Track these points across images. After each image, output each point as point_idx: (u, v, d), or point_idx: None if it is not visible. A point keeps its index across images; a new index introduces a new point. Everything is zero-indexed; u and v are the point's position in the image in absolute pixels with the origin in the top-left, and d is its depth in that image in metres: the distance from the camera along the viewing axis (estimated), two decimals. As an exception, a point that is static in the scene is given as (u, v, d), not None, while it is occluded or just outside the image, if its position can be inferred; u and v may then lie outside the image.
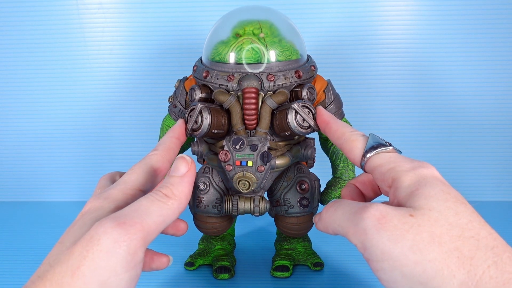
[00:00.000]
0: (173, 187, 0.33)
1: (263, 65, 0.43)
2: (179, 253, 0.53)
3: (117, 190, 0.34)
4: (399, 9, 0.62)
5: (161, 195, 0.32)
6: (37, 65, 0.65)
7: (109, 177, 0.39)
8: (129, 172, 0.36)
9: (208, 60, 0.46)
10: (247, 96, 0.42)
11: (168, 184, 0.33)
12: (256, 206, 0.45)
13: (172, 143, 0.40)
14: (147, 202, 0.31)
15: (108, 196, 0.33)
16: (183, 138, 0.42)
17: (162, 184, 0.33)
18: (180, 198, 0.33)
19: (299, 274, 0.49)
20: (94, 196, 0.34)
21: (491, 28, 0.62)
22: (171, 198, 0.32)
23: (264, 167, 0.43)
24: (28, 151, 0.68)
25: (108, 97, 0.66)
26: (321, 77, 0.49)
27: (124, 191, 0.34)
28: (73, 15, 0.63)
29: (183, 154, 0.35)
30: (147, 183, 0.35)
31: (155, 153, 0.38)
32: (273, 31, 0.44)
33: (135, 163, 0.36)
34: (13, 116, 0.67)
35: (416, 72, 0.64)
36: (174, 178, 0.33)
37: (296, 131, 0.42)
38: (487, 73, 0.63)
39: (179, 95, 0.49)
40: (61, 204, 0.69)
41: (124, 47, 0.64)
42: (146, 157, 0.37)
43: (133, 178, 0.35)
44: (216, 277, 0.48)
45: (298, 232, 0.48)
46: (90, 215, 0.32)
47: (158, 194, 0.32)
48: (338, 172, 0.51)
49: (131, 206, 0.31)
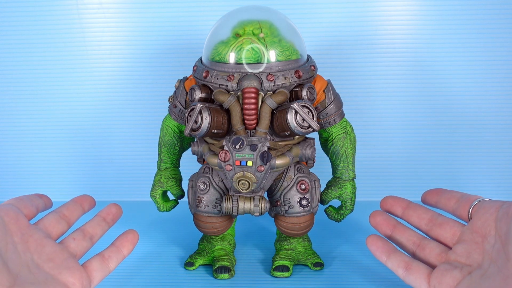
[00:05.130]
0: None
1: (263, 65, 0.43)
2: (179, 253, 0.53)
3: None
4: (399, 9, 0.62)
5: None
6: (37, 65, 0.65)
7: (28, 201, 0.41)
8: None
9: (208, 60, 0.46)
10: (247, 96, 0.42)
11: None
12: (256, 206, 0.45)
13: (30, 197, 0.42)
14: None
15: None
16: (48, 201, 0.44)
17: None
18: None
19: (299, 274, 0.49)
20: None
21: (491, 28, 0.62)
22: None
23: (264, 167, 0.43)
24: (28, 151, 0.68)
25: (108, 97, 0.66)
26: (321, 77, 0.49)
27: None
28: (73, 15, 0.63)
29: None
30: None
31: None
32: (273, 31, 0.44)
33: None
34: (13, 116, 0.67)
35: (416, 72, 0.64)
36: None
37: (296, 131, 0.42)
38: (487, 73, 0.63)
39: (179, 95, 0.49)
40: (61, 204, 0.69)
41: (124, 47, 0.64)
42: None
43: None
44: (216, 277, 0.48)
45: (298, 232, 0.48)
46: None
47: None
48: (338, 172, 0.51)
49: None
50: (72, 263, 0.37)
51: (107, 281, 0.45)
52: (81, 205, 0.44)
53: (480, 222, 0.38)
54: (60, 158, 0.68)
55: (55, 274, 0.36)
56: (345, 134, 0.49)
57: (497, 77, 0.63)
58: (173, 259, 0.52)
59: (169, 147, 0.52)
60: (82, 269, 0.38)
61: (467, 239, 0.38)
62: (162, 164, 0.52)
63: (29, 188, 0.70)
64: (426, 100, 0.65)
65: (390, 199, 0.44)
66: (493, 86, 0.64)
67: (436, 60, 0.63)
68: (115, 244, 0.42)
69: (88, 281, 0.38)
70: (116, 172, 0.68)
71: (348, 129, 0.50)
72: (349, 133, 0.50)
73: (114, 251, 0.41)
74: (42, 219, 0.40)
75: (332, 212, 0.52)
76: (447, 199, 0.42)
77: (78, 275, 0.37)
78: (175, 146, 0.52)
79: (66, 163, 0.69)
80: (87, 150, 0.68)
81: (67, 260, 0.37)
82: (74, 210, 0.43)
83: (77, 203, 0.44)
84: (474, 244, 0.37)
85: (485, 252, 0.36)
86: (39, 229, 0.38)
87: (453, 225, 0.40)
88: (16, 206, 0.38)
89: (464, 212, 0.40)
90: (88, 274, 0.38)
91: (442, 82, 0.64)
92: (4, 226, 0.35)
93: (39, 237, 0.38)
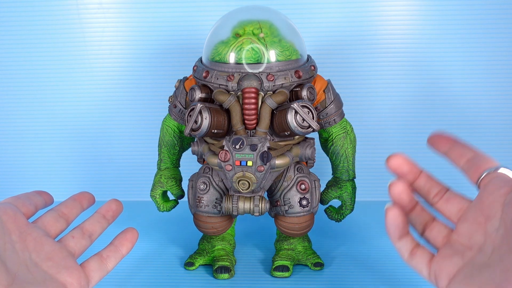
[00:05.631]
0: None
1: (263, 65, 0.43)
2: (179, 253, 0.53)
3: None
4: (399, 9, 0.62)
5: None
6: (37, 65, 0.65)
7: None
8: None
9: (208, 60, 0.46)
10: (247, 96, 0.42)
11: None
12: (256, 206, 0.45)
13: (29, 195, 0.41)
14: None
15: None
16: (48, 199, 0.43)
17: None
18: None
19: (299, 274, 0.49)
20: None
21: (491, 28, 0.62)
22: None
23: (263, 167, 0.43)
24: (28, 151, 0.68)
25: (108, 97, 0.66)
26: (321, 77, 0.49)
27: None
28: (73, 15, 0.63)
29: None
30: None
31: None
32: (273, 31, 0.44)
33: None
34: (13, 116, 0.67)
35: (416, 72, 0.64)
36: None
37: (296, 131, 0.42)
38: (487, 73, 0.63)
39: (179, 95, 0.49)
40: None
41: (124, 47, 0.64)
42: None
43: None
44: (216, 277, 0.48)
45: (298, 232, 0.48)
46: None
47: None
48: (338, 172, 0.51)
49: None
50: (71, 263, 0.37)
51: (107, 281, 0.45)
52: (80, 202, 0.44)
53: (488, 201, 0.37)
54: (60, 158, 0.68)
55: (54, 274, 0.36)
56: (345, 134, 0.49)
57: (497, 77, 0.63)
58: (173, 259, 0.52)
59: (169, 147, 0.52)
60: (81, 269, 0.38)
61: (471, 218, 0.37)
62: (162, 164, 0.52)
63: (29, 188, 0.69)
64: (426, 100, 0.65)
65: (400, 159, 0.42)
66: (493, 86, 0.64)
67: (436, 60, 0.63)
68: (113, 243, 0.42)
69: (86, 282, 0.38)
70: (116, 172, 0.68)
71: (348, 129, 0.50)
72: (349, 133, 0.50)
73: (112, 250, 0.41)
74: (41, 217, 0.40)
75: (332, 212, 0.52)
76: (458, 155, 0.40)
77: (76, 275, 0.37)
78: (175, 146, 0.52)
79: (66, 163, 0.68)
80: (87, 150, 0.68)
81: (66, 259, 0.37)
82: (73, 207, 0.43)
83: (76, 200, 0.43)
84: (477, 225, 0.37)
85: (487, 234, 0.36)
86: (38, 228, 0.38)
87: (459, 201, 0.39)
88: (14, 205, 0.38)
89: (474, 177, 0.38)
90: (86, 274, 0.38)
91: (442, 82, 0.64)
92: (2, 225, 0.35)
93: (37, 235, 0.38)
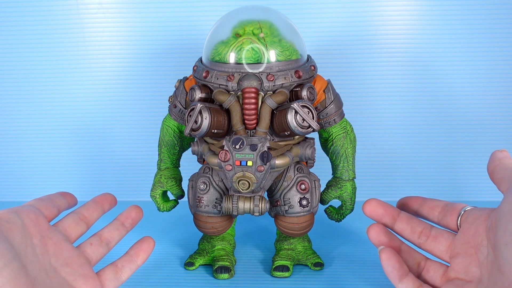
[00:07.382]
0: None
1: (263, 65, 0.43)
2: (179, 253, 0.53)
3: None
4: (399, 9, 0.62)
5: None
6: (37, 65, 0.65)
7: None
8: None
9: (208, 60, 0.46)
10: (247, 96, 0.42)
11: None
12: (256, 206, 0.45)
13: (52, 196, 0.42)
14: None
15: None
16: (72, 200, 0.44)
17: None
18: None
19: (299, 274, 0.49)
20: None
21: (492, 28, 0.62)
22: None
23: (264, 167, 0.43)
24: (28, 151, 0.68)
25: (108, 97, 0.66)
26: (321, 77, 0.49)
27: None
28: (73, 15, 0.63)
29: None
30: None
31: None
32: (273, 31, 0.44)
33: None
34: (13, 116, 0.67)
35: (416, 72, 0.64)
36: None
37: (296, 131, 0.42)
38: (487, 73, 0.63)
39: (179, 95, 0.49)
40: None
41: (124, 47, 0.64)
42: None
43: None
44: (216, 277, 0.48)
45: (298, 232, 0.48)
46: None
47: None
48: (338, 172, 0.51)
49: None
50: (87, 271, 0.38)
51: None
52: (102, 205, 0.43)
53: (471, 232, 0.37)
54: (60, 158, 0.68)
55: (70, 280, 0.36)
56: (345, 134, 0.49)
57: (497, 77, 0.63)
58: (173, 259, 0.52)
59: (169, 147, 0.52)
60: (96, 278, 0.38)
61: (461, 252, 0.38)
62: (162, 164, 0.52)
63: (29, 188, 0.70)
64: (426, 100, 0.65)
65: (378, 207, 0.43)
66: (493, 86, 0.64)
67: (436, 60, 0.63)
68: (129, 253, 0.42)
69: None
70: (116, 172, 0.68)
71: (348, 129, 0.50)
72: (349, 133, 0.50)
73: (128, 260, 0.41)
74: (62, 220, 0.40)
75: (332, 212, 0.52)
76: (430, 208, 0.41)
77: (92, 283, 0.37)
78: (175, 146, 0.52)
79: (66, 163, 0.69)
80: (87, 150, 0.68)
81: (83, 267, 0.38)
82: (94, 210, 0.43)
83: (98, 203, 0.43)
84: (469, 257, 0.37)
85: (481, 264, 0.36)
86: (59, 231, 0.38)
87: (447, 237, 0.40)
88: (37, 207, 0.38)
89: (452, 221, 0.39)
90: (102, 283, 0.38)
91: (442, 82, 0.64)
92: (24, 229, 0.35)
93: (58, 240, 0.38)
